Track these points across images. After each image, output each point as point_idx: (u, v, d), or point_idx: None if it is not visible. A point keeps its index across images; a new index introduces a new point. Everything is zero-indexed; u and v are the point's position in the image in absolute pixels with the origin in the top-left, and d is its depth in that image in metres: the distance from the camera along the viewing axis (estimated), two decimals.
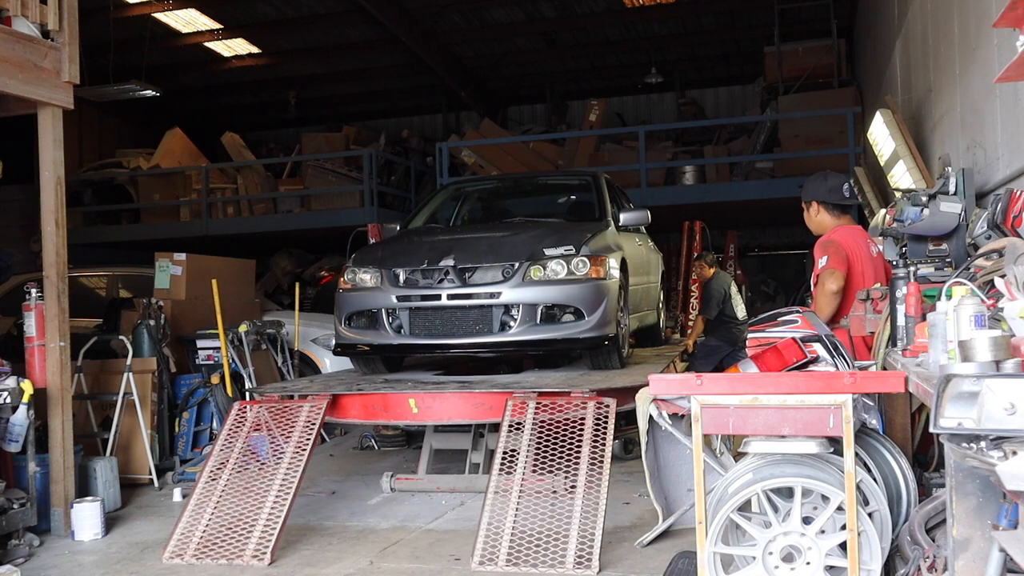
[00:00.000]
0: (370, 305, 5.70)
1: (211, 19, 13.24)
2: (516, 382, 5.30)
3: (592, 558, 4.04)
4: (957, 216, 4.00)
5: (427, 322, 5.54)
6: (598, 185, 6.96)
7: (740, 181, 12.82)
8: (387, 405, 5.19)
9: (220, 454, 5.01)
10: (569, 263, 5.50)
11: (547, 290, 5.43)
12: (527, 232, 5.93)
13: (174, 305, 7.72)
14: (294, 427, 4.97)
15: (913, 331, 3.24)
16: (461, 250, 5.65)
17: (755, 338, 3.79)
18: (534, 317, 5.42)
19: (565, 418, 4.67)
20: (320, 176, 13.80)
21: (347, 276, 5.91)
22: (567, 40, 14.73)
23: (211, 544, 4.53)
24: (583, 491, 4.27)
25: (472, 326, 5.46)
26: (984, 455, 1.96)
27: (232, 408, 5.34)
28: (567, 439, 4.56)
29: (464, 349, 5.56)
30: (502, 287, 5.43)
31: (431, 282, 5.53)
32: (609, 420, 4.58)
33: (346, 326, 5.85)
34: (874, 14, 10.80)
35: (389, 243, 6.32)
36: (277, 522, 4.54)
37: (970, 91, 5.34)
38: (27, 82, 5.17)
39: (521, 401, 4.80)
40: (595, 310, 5.46)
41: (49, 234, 5.42)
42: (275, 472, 4.79)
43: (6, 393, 4.89)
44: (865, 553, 3.04)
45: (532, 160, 13.86)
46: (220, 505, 4.73)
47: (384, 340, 5.66)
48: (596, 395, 4.78)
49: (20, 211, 13.09)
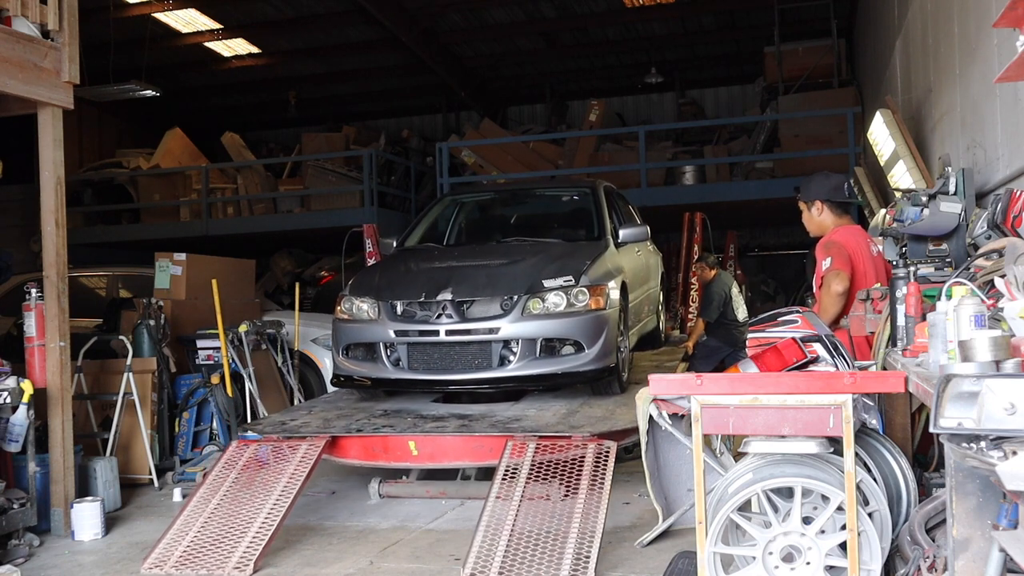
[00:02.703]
0: (368, 338, 5.66)
1: (211, 19, 13.24)
2: (516, 419, 5.21)
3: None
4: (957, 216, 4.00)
5: (426, 357, 5.50)
6: (597, 199, 6.90)
7: (740, 181, 12.82)
8: (387, 447, 5.15)
9: (212, 484, 4.92)
10: (568, 294, 5.46)
11: (546, 324, 5.40)
12: (525, 260, 5.85)
13: (174, 305, 7.71)
14: (290, 463, 4.94)
15: (913, 331, 3.24)
16: (459, 282, 5.59)
17: (755, 338, 3.79)
18: (534, 351, 5.39)
19: (564, 458, 4.61)
20: (320, 176, 13.79)
21: (344, 306, 5.87)
22: (567, 40, 14.73)
23: (193, 556, 4.42)
24: (576, 538, 4.15)
25: (471, 361, 5.41)
26: (984, 455, 1.96)
27: (229, 447, 5.28)
28: (565, 478, 4.50)
29: (463, 385, 5.52)
30: (501, 321, 5.38)
31: (429, 315, 5.48)
32: (609, 460, 4.52)
33: (344, 356, 5.82)
34: (874, 14, 10.80)
35: (386, 270, 6.22)
36: (264, 538, 4.45)
37: (970, 91, 5.34)
38: (27, 82, 5.17)
39: (521, 443, 4.76)
40: (595, 342, 5.44)
41: (49, 234, 5.42)
42: (267, 497, 4.72)
43: (6, 393, 4.89)
44: (865, 553, 3.04)
45: (532, 160, 13.85)
46: (207, 524, 4.64)
47: (382, 374, 5.61)
48: (597, 438, 4.73)
49: (20, 211, 13.09)
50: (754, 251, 16.47)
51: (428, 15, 13.33)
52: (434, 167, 13.88)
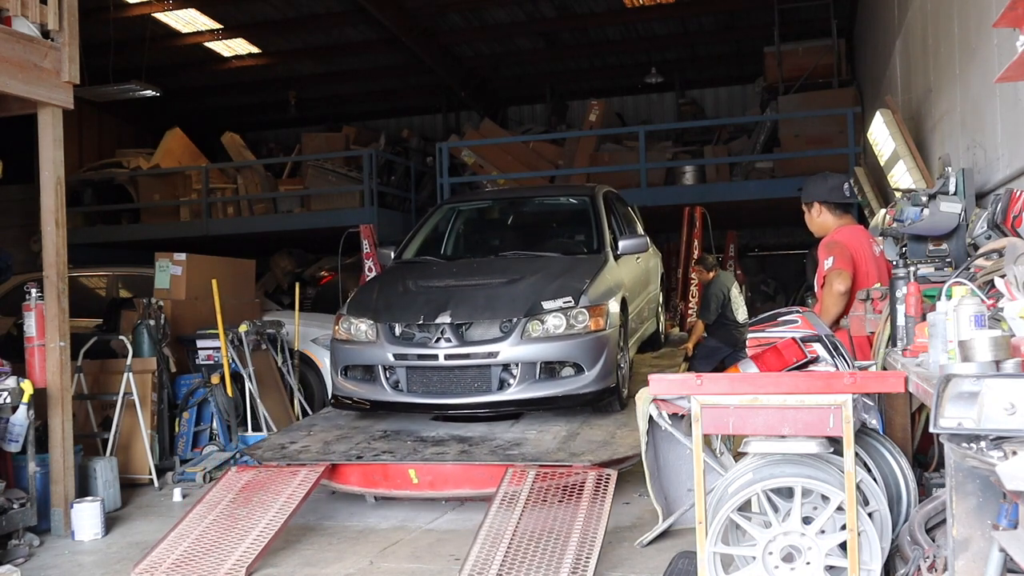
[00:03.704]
0: (367, 360, 5.65)
1: (211, 19, 13.23)
2: (516, 444, 5.18)
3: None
4: (957, 216, 4.00)
5: (425, 380, 5.48)
6: (596, 209, 6.87)
7: (740, 181, 12.82)
8: (387, 475, 5.15)
9: (208, 503, 4.90)
10: (568, 316, 5.44)
11: (546, 347, 5.38)
12: (524, 280, 5.80)
13: (174, 305, 7.71)
14: (288, 485, 4.94)
15: (913, 331, 3.24)
16: (457, 303, 5.56)
17: (755, 338, 3.79)
18: (533, 374, 5.37)
19: (564, 484, 4.59)
20: (320, 176, 13.79)
21: (343, 325, 5.85)
22: (567, 40, 14.72)
23: (186, 562, 4.40)
24: (577, 540, 4.14)
25: (471, 384, 5.40)
26: (984, 455, 1.96)
27: (227, 472, 5.25)
28: (563, 504, 4.48)
29: (463, 409, 5.50)
30: (500, 345, 5.36)
31: (428, 337, 5.46)
32: (609, 487, 4.50)
33: (343, 377, 5.81)
34: (874, 14, 10.80)
35: (384, 287, 6.20)
36: (257, 548, 4.42)
37: (970, 91, 5.33)
38: (27, 82, 5.17)
39: (521, 471, 4.74)
40: (595, 364, 5.43)
41: (49, 234, 5.42)
42: (263, 514, 4.70)
43: (6, 393, 4.89)
44: (865, 553, 3.04)
45: (532, 160, 13.85)
46: (202, 537, 4.61)
47: (382, 397, 5.60)
48: (598, 467, 4.72)
49: (20, 211, 13.08)
50: (754, 251, 16.47)
51: (428, 15, 13.33)
52: (434, 167, 13.88)
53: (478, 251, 7.34)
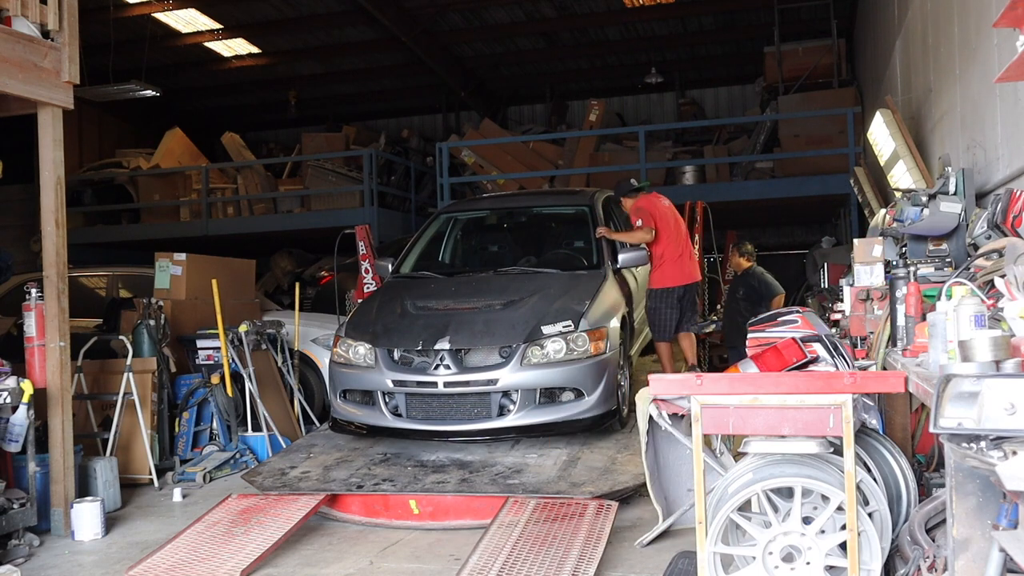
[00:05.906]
0: (365, 386, 5.65)
1: (211, 19, 13.23)
2: (516, 471, 5.17)
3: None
4: (957, 216, 4.00)
5: (424, 406, 5.48)
6: (595, 219, 6.86)
7: (740, 181, 12.81)
8: (388, 506, 5.15)
9: (206, 522, 4.90)
10: (568, 340, 5.42)
11: (546, 373, 5.37)
12: (523, 302, 5.77)
13: (174, 305, 7.71)
14: (289, 508, 4.95)
15: (913, 331, 3.24)
16: (456, 329, 5.54)
17: (755, 338, 3.80)
18: (533, 400, 5.36)
19: (563, 513, 4.59)
20: (320, 176, 13.78)
21: (341, 348, 5.83)
22: (567, 40, 14.72)
23: (181, 567, 4.39)
24: (581, 542, 4.13)
25: (470, 411, 5.39)
26: (984, 455, 1.96)
27: (227, 499, 5.23)
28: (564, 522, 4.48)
29: (462, 436, 5.48)
30: (500, 372, 5.34)
31: (427, 363, 5.45)
32: (609, 516, 4.50)
33: (342, 400, 5.81)
34: (874, 14, 10.80)
35: (382, 308, 6.15)
36: (254, 556, 4.41)
37: (970, 91, 5.33)
38: (27, 82, 5.17)
39: (521, 501, 4.74)
40: (595, 388, 5.42)
41: (49, 234, 5.42)
42: (261, 532, 4.70)
43: (6, 393, 4.89)
44: (865, 553, 3.04)
45: (532, 160, 13.84)
46: (198, 547, 4.61)
47: (381, 422, 5.61)
48: (599, 499, 4.72)
49: (20, 211, 13.10)
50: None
51: (428, 15, 13.32)
52: (434, 167, 13.87)
53: (476, 263, 7.29)
